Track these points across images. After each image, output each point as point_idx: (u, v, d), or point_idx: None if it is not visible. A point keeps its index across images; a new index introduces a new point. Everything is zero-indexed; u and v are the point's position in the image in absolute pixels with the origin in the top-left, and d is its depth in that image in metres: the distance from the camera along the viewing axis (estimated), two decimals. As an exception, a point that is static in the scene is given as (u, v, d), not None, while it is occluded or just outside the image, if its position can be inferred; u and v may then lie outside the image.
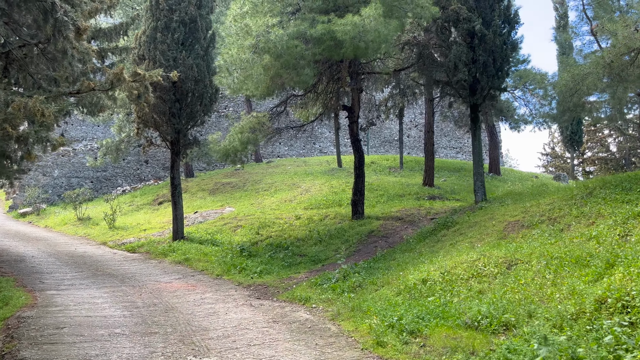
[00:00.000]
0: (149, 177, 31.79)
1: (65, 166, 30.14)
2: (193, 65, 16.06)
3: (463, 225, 11.54)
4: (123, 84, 10.41)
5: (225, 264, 12.83)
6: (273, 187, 22.46)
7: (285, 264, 12.35)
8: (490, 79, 12.83)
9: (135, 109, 16.33)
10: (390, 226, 14.16)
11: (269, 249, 14.05)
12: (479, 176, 13.13)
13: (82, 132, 31.18)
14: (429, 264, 9.27)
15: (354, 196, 15.19)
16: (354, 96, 14.67)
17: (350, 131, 15.03)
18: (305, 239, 14.51)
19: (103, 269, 12.81)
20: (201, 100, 16.55)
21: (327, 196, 19.19)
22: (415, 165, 26.54)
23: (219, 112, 32.79)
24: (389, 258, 11.16)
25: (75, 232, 20.33)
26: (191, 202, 22.31)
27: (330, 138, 35.00)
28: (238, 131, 12.85)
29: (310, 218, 16.46)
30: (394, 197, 18.43)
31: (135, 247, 16.09)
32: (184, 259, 13.76)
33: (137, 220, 20.76)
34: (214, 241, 15.66)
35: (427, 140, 20.34)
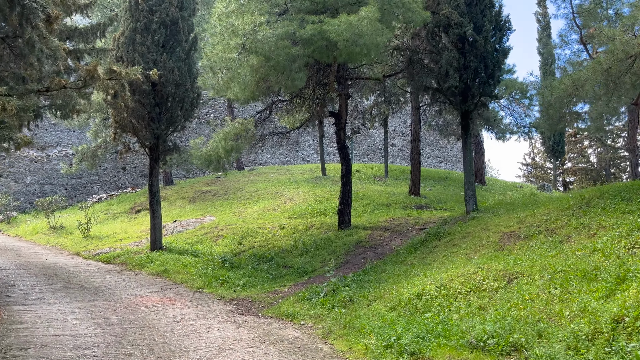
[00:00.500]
0: (126, 185, 30.85)
1: (38, 172, 29.06)
2: (174, 67, 15.45)
3: (455, 236, 11.12)
4: (97, 81, 9.72)
5: (206, 276, 12.18)
6: (256, 195, 21.84)
7: (269, 276, 11.76)
8: (481, 86, 12.52)
9: (112, 113, 15.62)
10: (379, 236, 13.69)
11: (252, 260, 13.45)
12: (470, 185, 12.76)
13: (57, 138, 30.13)
14: (423, 277, 8.80)
15: (341, 205, 14.70)
16: (342, 102, 14.22)
17: (337, 138, 14.57)
18: (290, 250, 13.94)
19: (75, 281, 12.04)
20: (182, 105, 15.93)
21: (312, 205, 18.66)
22: (400, 174, 26.20)
23: (199, 119, 32.08)
24: (379, 270, 10.67)
25: (48, 242, 19.40)
26: (170, 211, 21.55)
27: (314, 146, 34.54)
28: (222, 137, 12.25)
29: (295, 228, 15.90)
30: (380, 206, 17.99)
31: (111, 258, 15.30)
32: (162, 270, 13.07)
33: (113, 230, 19.92)
34: (194, 252, 14.98)
35: (413, 148, 20.00)
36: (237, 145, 11.97)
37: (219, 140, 12.20)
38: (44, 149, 29.70)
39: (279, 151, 34.02)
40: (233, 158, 13.07)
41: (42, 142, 29.73)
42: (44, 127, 29.80)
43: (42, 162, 29.30)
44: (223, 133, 12.27)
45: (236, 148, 12.02)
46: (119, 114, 15.44)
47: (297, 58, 9.89)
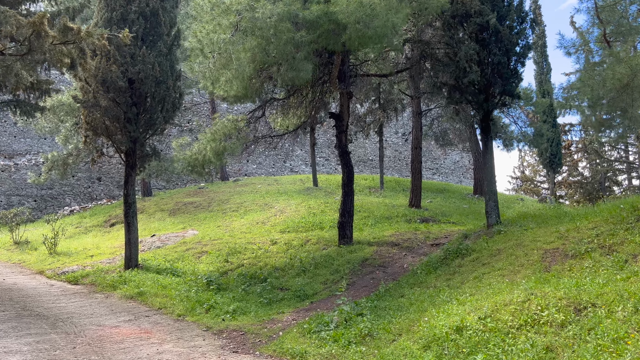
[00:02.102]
0: (101, 196, 28.77)
1: (4, 183, 26.84)
2: (154, 63, 13.72)
3: (483, 253, 9.55)
4: (46, 42, 7.80)
5: (188, 300, 10.40)
6: (242, 207, 20.08)
7: (264, 301, 10.03)
8: (504, 82, 11.09)
9: (83, 113, 13.81)
10: (386, 253, 12.08)
11: (242, 281, 11.70)
12: (492, 195, 11.25)
13: (26, 145, 27.98)
14: (458, 305, 7.20)
15: (342, 218, 13.07)
16: (343, 102, 12.67)
17: (338, 142, 12.99)
18: (285, 269, 12.23)
19: (32, 307, 10.14)
20: (162, 105, 14.18)
21: (306, 218, 16.99)
22: (395, 185, 24.72)
23: (181, 127, 30.24)
24: (395, 294, 9.04)
25: (9, 259, 17.31)
26: (148, 224, 19.65)
27: (302, 156, 32.92)
28: (210, 138, 10.58)
29: (289, 243, 14.20)
30: (380, 219, 16.40)
31: (78, 278, 13.38)
32: (138, 293, 11.24)
33: (84, 245, 17.93)
34: (174, 270, 13.16)
35: (414, 157, 18.53)
36: (229, 147, 10.27)
37: (207, 141, 10.52)
38: (11, 158, 27.52)
39: (265, 161, 32.32)
40: (223, 162, 11.36)
41: (9, 150, 27.56)
42: (12, 133, 27.66)
43: (9, 172, 27.10)
44: (211, 133, 10.60)
45: (228, 150, 10.32)
46: (90, 114, 13.64)
47: (301, 45, 8.32)
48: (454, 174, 36.63)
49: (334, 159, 33.62)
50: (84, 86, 13.64)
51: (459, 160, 36.88)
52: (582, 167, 40.48)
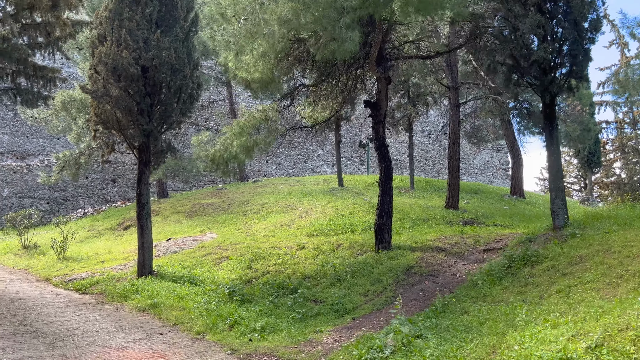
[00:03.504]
0: (116, 198, 27.66)
1: (16, 184, 25.86)
2: (170, 48, 12.43)
3: (559, 261, 7.99)
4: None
5: (208, 313, 9.00)
6: (264, 209, 18.69)
7: (296, 316, 8.59)
8: (573, 62, 9.52)
9: (92, 104, 12.55)
10: (433, 260, 10.57)
11: (268, 291, 10.28)
12: (559, 193, 9.65)
13: (39, 146, 27.00)
14: (549, 328, 5.68)
15: (379, 219, 11.59)
16: (381, 88, 11.20)
17: (375, 134, 11.53)
18: (317, 277, 10.79)
19: (31, 321, 8.83)
20: (179, 96, 12.87)
21: (334, 220, 15.53)
22: (426, 185, 23.15)
23: (198, 125, 29.04)
24: (457, 310, 7.53)
25: (16, 264, 16.15)
26: (164, 227, 18.37)
27: (324, 156, 31.50)
28: (237, 131, 9.22)
29: (319, 248, 12.75)
30: (418, 221, 14.88)
31: (87, 286, 12.10)
32: (151, 304, 9.88)
33: (96, 249, 16.70)
34: (192, 278, 11.80)
35: (451, 153, 16.97)
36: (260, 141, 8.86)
37: (233, 135, 9.14)
38: (23, 158, 26.55)
39: (285, 161, 30.97)
40: (252, 159, 9.95)
41: (21, 150, 26.61)
42: (24, 133, 26.71)
43: (22, 173, 26.12)
44: (238, 125, 9.22)
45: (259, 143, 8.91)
46: (100, 106, 12.39)
47: (344, 11, 6.90)
48: (484, 174, 34.88)
49: (356, 158, 32.16)
50: (93, 75, 12.38)
51: (489, 160, 35.13)
52: (617, 166, 38.39)
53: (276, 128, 9.69)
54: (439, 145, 33.85)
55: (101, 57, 12.12)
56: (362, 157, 31.85)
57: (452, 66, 16.72)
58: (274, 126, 9.57)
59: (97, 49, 12.31)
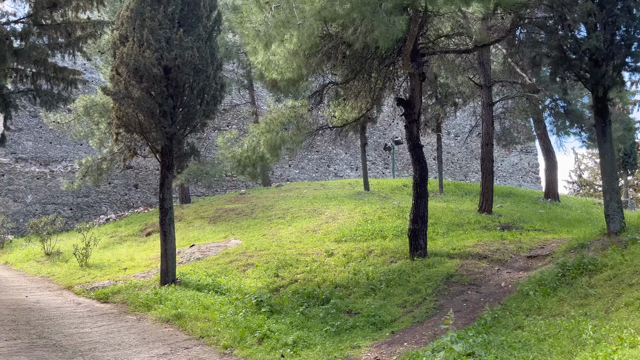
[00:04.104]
0: (138, 204, 27.45)
1: (40, 191, 25.82)
2: (193, 48, 12.00)
3: (622, 270, 7.23)
4: None
5: (236, 325, 8.45)
6: (289, 213, 18.14)
7: (331, 329, 7.96)
8: (627, 53, 8.75)
9: (113, 107, 12.17)
10: (474, 268, 9.85)
11: (298, 301, 9.69)
12: (614, 194, 8.86)
13: (62, 152, 26.97)
14: (628, 348, 4.97)
15: (414, 224, 10.92)
16: (415, 85, 10.56)
17: (408, 134, 10.88)
18: (349, 286, 10.16)
19: (49, 334, 8.39)
20: (202, 97, 12.44)
21: (362, 225, 14.89)
22: (455, 189, 22.35)
23: (220, 130, 28.69)
24: (509, 324, 6.82)
25: (38, 271, 15.88)
26: (187, 233, 17.95)
27: (347, 160, 30.87)
28: (264, 129, 8.65)
29: (348, 254, 12.13)
30: (451, 226, 14.15)
31: (109, 294, 11.67)
32: (175, 315, 9.38)
33: (118, 256, 16.35)
34: (217, 287, 11.28)
35: (484, 155, 16.19)
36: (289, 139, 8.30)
37: (261, 133, 8.58)
38: (47, 164, 26.54)
39: (308, 166, 30.43)
40: (280, 158, 9.41)
41: (45, 156, 26.61)
42: (48, 139, 26.71)
43: (45, 179, 26.09)
44: (266, 123, 8.67)
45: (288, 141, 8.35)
46: (121, 109, 12.00)
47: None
48: (512, 177, 33.81)
49: (381, 162, 31.46)
50: (114, 76, 12.01)
51: (518, 163, 34.05)
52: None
53: (305, 126, 9.10)
54: (465, 148, 32.94)
55: (122, 57, 11.75)
56: (387, 160, 31.12)
57: (484, 64, 15.99)
58: (303, 124, 8.99)
59: (118, 50, 11.95)
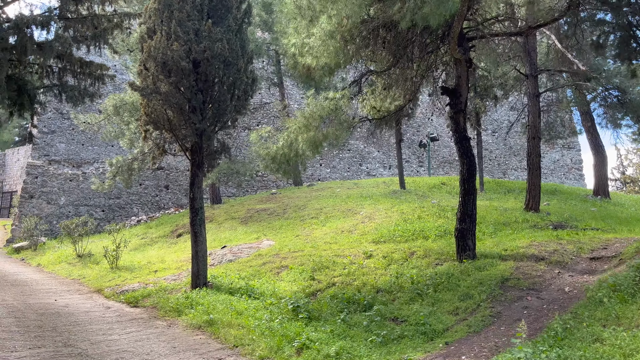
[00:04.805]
0: (169, 205, 27.24)
1: (73, 192, 25.86)
2: (223, 39, 11.46)
3: None
4: None
5: (272, 333, 7.80)
6: (322, 213, 17.46)
7: (376, 339, 7.22)
8: None
9: (141, 103, 11.73)
10: (531, 271, 8.95)
11: (337, 307, 8.98)
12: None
13: (94, 153, 26.99)
14: None
15: (461, 224, 10.07)
16: (461, 73, 9.72)
17: (454, 126, 10.05)
18: (391, 291, 9.39)
19: (76, 341, 7.90)
20: (232, 92, 11.90)
21: (401, 225, 14.09)
22: (496, 186, 21.27)
23: (250, 129, 28.25)
24: (585, 336, 5.94)
25: (69, 274, 15.62)
26: (218, 234, 17.47)
27: (379, 158, 30.01)
28: (302, 124, 7.96)
29: (389, 256, 11.36)
30: (497, 225, 13.23)
31: (139, 298, 11.21)
32: (207, 321, 8.79)
33: (148, 258, 15.97)
34: (250, 290, 10.68)
35: (531, 149, 15.16)
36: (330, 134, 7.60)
37: (298, 128, 7.91)
38: (79, 166, 26.58)
39: (339, 165, 29.72)
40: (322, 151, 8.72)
41: (77, 158, 26.66)
42: (80, 141, 26.76)
43: (78, 181, 26.12)
44: (304, 117, 7.99)
45: (330, 137, 7.65)
46: (149, 104, 11.54)
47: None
48: (554, 174, 32.32)
49: (415, 160, 30.49)
50: (142, 71, 11.58)
51: (559, 159, 32.55)
52: None
53: (347, 119, 8.39)
54: (504, 144, 31.65)
55: (150, 51, 11.29)
56: (421, 158, 30.15)
57: (530, 52, 14.96)
58: (344, 116, 8.28)
59: (145, 44, 11.50)
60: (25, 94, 8.67)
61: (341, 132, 8.10)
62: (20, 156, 38.67)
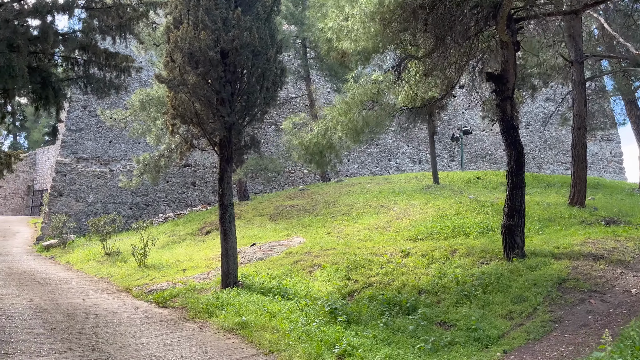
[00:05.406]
0: (196, 202, 27.01)
1: (100, 190, 25.83)
2: (251, 28, 10.96)
3: None
4: None
5: (309, 338, 7.26)
6: (354, 209, 16.86)
7: (425, 346, 6.60)
8: None
9: (168, 95, 11.31)
10: (591, 271, 8.20)
11: (377, 309, 8.39)
12: None
13: (121, 151, 26.93)
14: None
15: (508, 219, 9.36)
16: (508, 57, 9.00)
17: (501, 114, 9.35)
18: (435, 292, 8.75)
19: (103, 344, 7.51)
20: (262, 83, 11.38)
21: (439, 222, 13.39)
22: (533, 180, 20.33)
23: (277, 125, 27.81)
24: (670, 348, 5.22)
25: (97, 272, 15.39)
26: (247, 231, 17.04)
27: (409, 153, 29.24)
28: (343, 109, 7.38)
29: (428, 254, 10.70)
30: (542, 221, 12.45)
31: (167, 298, 10.81)
32: (239, 323, 8.30)
33: (176, 256, 15.63)
34: (283, 290, 10.17)
35: (576, 140, 14.25)
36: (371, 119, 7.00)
37: (338, 114, 7.31)
38: (107, 164, 26.56)
39: (367, 160, 29.05)
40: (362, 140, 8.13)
41: (105, 156, 26.64)
42: (107, 139, 26.72)
43: (105, 178, 26.08)
44: (345, 102, 7.40)
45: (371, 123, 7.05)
46: (176, 97, 11.11)
47: None
48: (592, 167, 30.97)
49: (446, 154, 29.63)
50: (168, 62, 11.14)
51: (598, 152, 31.22)
52: None
53: (389, 104, 7.77)
54: (538, 137, 30.50)
55: (177, 42, 10.85)
56: (453, 152, 29.27)
57: (575, 36, 14.06)
58: (387, 102, 7.66)
59: (172, 34, 11.07)
60: (49, 87, 8.33)
61: (384, 117, 7.48)
62: (50, 155, 39.11)
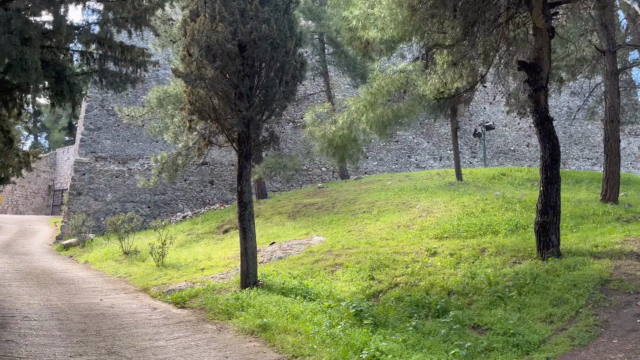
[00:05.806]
0: (214, 201, 26.81)
1: (119, 189, 25.78)
2: (270, 20, 10.59)
3: None
4: None
5: (334, 342, 6.87)
6: (375, 207, 16.42)
7: (460, 352, 6.15)
8: None
9: (185, 90, 11.01)
10: (635, 271, 7.67)
11: (405, 311, 7.96)
12: None
13: (139, 150, 26.84)
14: None
15: (543, 217, 8.85)
16: (542, 45, 8.48)
17: (534, 105, 8.86)
18: (465, 293, 8.29)
19: (120, 347, 7.21)
20: (281, 76, 11.02)
21: (465, 219, 12.89)
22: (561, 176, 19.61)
23: (295, 122, 27.48)
24: None
25: (116, 271, 15.21)
26: (266, 230, 16.71)
27: (429, 149, 28.67)
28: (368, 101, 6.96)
29: (456, 253, 10.23)
30: (576, 219, 11.88)
31: (186, 298, 10.52)
32: (260, 326, 7.94)
33: (195, 255, 15.38)
34: (304, 291, 9.80)
35: (609, 134, 13.61)
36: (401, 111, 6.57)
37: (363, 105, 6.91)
38: (124, 163, 26.49)
39: (387, 157, 28.55)
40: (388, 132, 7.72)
41: (122, 155, 26.58)
42: (125, 137, 26.66)
43: (124, 177, 26.03)
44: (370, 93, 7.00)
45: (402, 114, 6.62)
46: (194, 92, 10.80)
47: None
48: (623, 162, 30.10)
49: (467, 150, 28.99)
50: (185, 56, 10.84)
51: (626, 147, 30.24)
52: None
53: (417, 94, 7.32)
54: (563, 133, 29.67)
55: (194, 35, 10.54)
56: (474, 148, 28.63)
57: (607, 26, 13.42)
58: (415, 93, 7.21)
59: (189, 27, 10.77)
60: (64, 81, 8.09)
61: (414, 107, 7.05)
62: (70, 155, 39.38)
